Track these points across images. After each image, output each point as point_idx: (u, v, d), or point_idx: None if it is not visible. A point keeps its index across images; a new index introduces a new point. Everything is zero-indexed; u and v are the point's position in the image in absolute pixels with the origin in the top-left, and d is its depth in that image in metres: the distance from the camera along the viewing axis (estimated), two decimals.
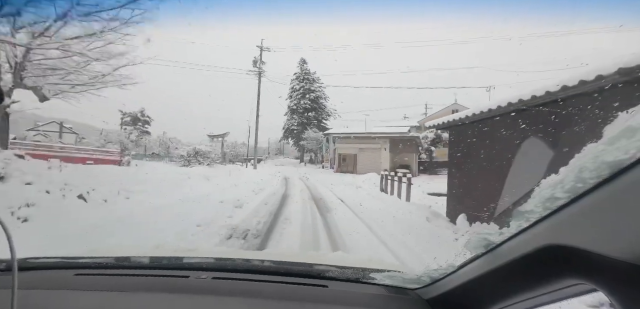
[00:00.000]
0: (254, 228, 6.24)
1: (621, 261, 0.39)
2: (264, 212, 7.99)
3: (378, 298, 0.91)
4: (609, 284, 0.42)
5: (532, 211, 0.54)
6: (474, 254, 0.70)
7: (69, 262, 1.12)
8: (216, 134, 33.51)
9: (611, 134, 0.41)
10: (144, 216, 6.72)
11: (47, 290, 0.89)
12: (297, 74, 49.72)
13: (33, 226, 5.10)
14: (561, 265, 0.49)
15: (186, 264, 1.15)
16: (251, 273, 1.03)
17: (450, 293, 0.77)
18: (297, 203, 9.96)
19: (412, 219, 7.55)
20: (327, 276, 1.01)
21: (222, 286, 0.94)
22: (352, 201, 10.80)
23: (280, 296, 0.89)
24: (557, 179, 0.49)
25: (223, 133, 32.43)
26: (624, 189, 0.39)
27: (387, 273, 0.97)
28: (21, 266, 0.64)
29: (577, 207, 0.45)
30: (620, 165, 0.39)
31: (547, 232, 0.51)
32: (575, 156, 0.47)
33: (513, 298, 0.62)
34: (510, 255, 0.59)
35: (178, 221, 6.35)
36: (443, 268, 0.83)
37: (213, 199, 9.47)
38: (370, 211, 8.72)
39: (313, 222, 7.18)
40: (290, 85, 49.71)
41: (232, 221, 6.70)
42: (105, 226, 5.72)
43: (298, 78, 49.21)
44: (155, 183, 10.25)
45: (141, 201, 7.96)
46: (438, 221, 7.37)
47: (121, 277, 1.02)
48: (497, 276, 0.63)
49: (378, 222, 7.10)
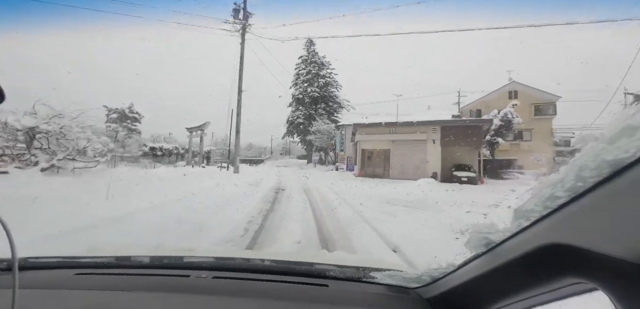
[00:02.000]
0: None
1: (621, 260, 0.39)
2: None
3: (379, 297, 0.90)
4: (609, 283, 0.42)
5: (533, 210, 0.53)
6: (474, 253, 0.69)
7: (69, 261, 1.12)
8: (194, 126, 24.99)
9: (612, 133, 0.41)
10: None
11: (48, 289, 0.89)
12: (302, 56, 41.08)
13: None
14: (561, 264, 0.49)
15: (187, 264, 1.15)
16: (252, 273, 1.03)
17: (450, 291, 0.77)
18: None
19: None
20: (327, 275, 1.01)
21: (223, 286, 0.94)
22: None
23: (281, 296, 0.88)
24: (558, 178, 0.48)
25: (201, 124, 23.86)
26: (624, 188, 0.39)
27: (388, 272, 0.97)
28: (22, 266, 0.74)
29: (577, 206, 0.45)
30: (621, 164, 0.39)
31: (548, 231, 0.51)
32: (576, 154, 0.47)
33: (513, 296, 0.61)
34: (511, 254, 0.58)
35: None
36: (443, 267, 0.82)
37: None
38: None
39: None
40: (294, 70, 41.11)
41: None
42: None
43: (304, 61, 40.47)
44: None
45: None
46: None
47: (121, 276, 1.01)
48: (497, 275, 0.63)
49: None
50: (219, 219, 5.66)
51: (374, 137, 20.12)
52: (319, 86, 38.23)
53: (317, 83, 38.37)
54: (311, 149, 37.47)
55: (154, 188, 8.33)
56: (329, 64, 39.86)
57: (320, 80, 38.53)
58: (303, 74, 39.41)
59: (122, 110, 45.87)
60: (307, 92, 38.27)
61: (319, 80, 38.51)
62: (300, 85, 39.23)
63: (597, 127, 13.96)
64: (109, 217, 5.20)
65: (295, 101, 39.55)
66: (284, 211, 6.94)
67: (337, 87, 39.79)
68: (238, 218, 5.80)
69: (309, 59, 39.81)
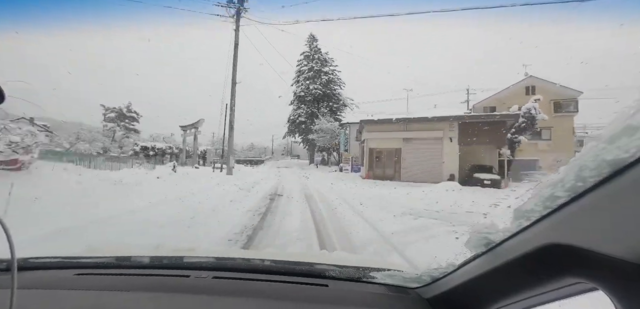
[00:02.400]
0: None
1: (621, 260, 0.39)
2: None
3: (379, 297, 0.90)
4: (610, 282, 0.42)
5: (533, 210, 0.53)
6: (475, 253, 0.69)
7: (69, 262, 1.11)
8: (188, 124, 23.27)
9: (612, 133, 0.41)
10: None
11: (47, 290, 0.89)
12: (305, 53, 39.23)
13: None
14: (561, 264, 0.49)
15: (187, 264, 1.14)
16: (252, 273, 1.02)
17: (450, 291, 0.77)
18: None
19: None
20: (327, 275, 1.00)
21: (223, 286, 0.93)
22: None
23: (281, 296, 0.87)
24: (558, 178, 0.48)
25: (195, 121, 22.08)
26: (624, 187, 0.39)
27: (388, 272, 0.97)
28: (21, 266, 0.68)
29: (577, 206, 0.45)
30: (621, 163, 0.39)
31: (548, 231, 0.51)
32: (576, 154, 0.46)
33: (513, 296, 0.61)
34: (511, 254, 0.58)
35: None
36: (443, 267, 0.82)
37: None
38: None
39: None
40: (296, 66, 39.25)
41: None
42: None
43: (306, 58, 38.62)
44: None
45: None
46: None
47: (121, 277, 1.01)
48: (497, 275, 0.62)
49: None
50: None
51: (383, 136, 18.23)
52: (321, 83, 36.38)
53: (320, 80, 36.53)
54: (313, 149, 35.63)
55: (100, 197, 6.49)
56: (332, 61, 38.05)
57: (323, 77, 36.69)
58: (305, 71, 37.60)
59: (119, 109, 44.49)
60: (309, 89, 36.45)
61: (322, 77, 36.66)
62: (302, 82, 37.43)
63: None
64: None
65: (297, 98, 37.76)
66: (278, 230, 5.08)
67: (340, 85, 37.95)
68: (205, 246, 3.93)
69: (312, 55, 38.00)
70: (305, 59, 38.28)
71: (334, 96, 36.83)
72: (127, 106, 44.93)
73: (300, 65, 38.50)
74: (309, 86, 36.58)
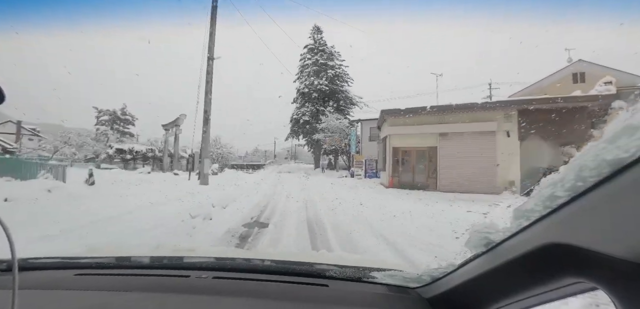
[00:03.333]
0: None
1: (621, 260, 0.39)
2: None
3: (379, 297, 0.90)
4: (610, 282, 0.42)
5: (533, 209, 0.53)
6: (475, 253, 0.69)
7: (69, 262, 1.11)
8: (168, 122, 19.29)
9: (612, 132, 0.41)
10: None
11: (48, 290, 0.89)
12: (309, 45, 35.09)
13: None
14: (562, 264, 0.49)
15: (187, 264, 1.14)
16: (252, 273, 1.01)
17: (450, 291, 0.76)
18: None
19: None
20: (327, 275, 1.00)
21: (223, 286, 0.93)
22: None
23: (281, 296, 0.87)
24: (558, 177, 0.48)
25: (175, 119, 18.07)
26: (624, 187, 0.39)
27: (388, 272, 0.96)
28: (22, 266, 0.68)
29: (577, 206, 0.45)
30: (621, 163, 0.39)
31: (548, 231, 0.51)
32: (576, 154, 0.47)
33: (513, 296, 0.62)
34: (511, 254, 0.58)
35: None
36: (443, 267, 0.82)
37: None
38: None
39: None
40: (299, 61, 35.15)
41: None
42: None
43: (310, 50, 34.47)
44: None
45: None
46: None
47: (121, 277, 1.00)
48: (497, 275, 0.63)
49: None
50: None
51: (411, 130, 13.91)
52: (327, 79, 32.21)
53: (326, 75, 32.36)
54: (319, 151, 31.40)
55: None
56: (339, 55, 33.87)
57: (329, 71, 32.52)
58: (309, 65, 33.47)
59: (113, 112, 40.80)
60: (314, 85, 32.26)
61: (328, 72, 32.50)
62: (305, 77, 33.31)
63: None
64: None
65: (300, 95, 33.62)
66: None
67: (348, 81, 33.74)
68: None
69: (316, 48, 33.90)
70: (309, 52, 34.17)
71: (341, 92, 32.64)
72: (122, 109, 41.18)
73: (303, 60, 34.41)
74: (313, 82, 32.43)
